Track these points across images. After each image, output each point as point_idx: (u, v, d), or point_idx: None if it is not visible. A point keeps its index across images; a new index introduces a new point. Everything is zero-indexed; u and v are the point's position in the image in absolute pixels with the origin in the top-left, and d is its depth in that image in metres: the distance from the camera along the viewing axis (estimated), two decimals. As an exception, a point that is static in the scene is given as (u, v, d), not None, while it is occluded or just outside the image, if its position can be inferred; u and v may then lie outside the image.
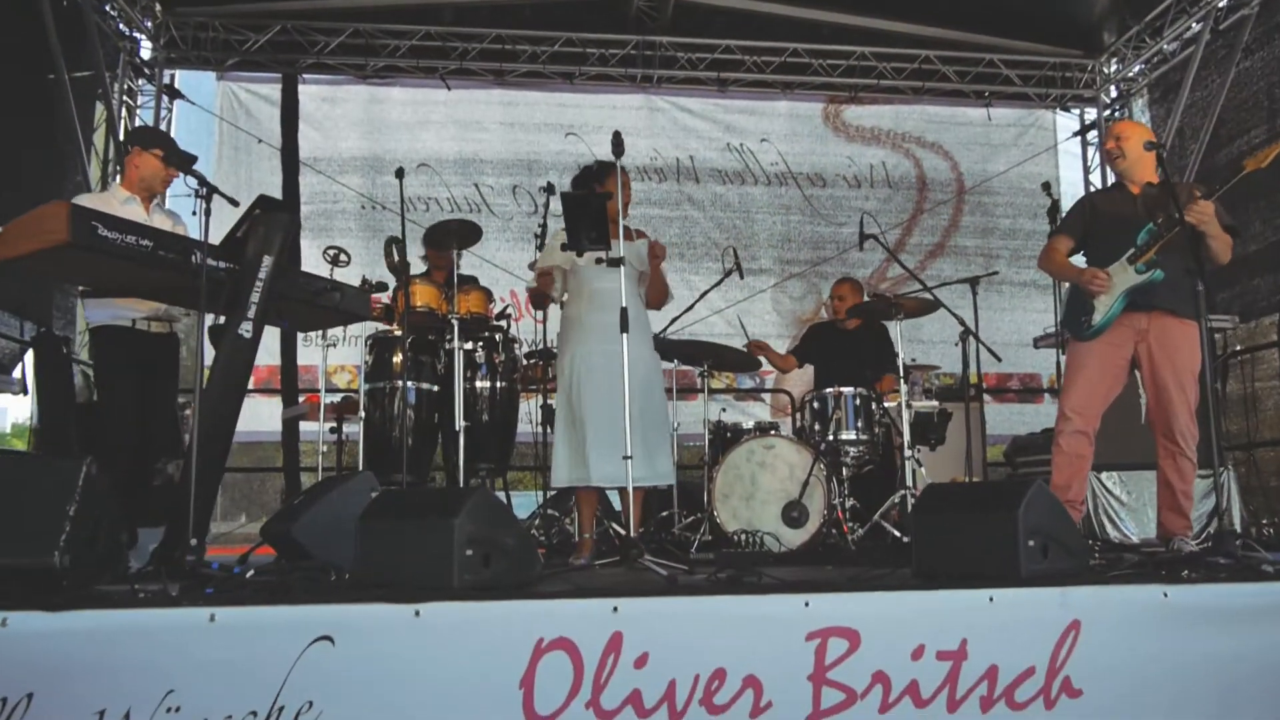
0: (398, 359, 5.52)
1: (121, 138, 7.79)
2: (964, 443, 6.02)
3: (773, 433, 5.53)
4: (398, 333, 5.55)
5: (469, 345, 5.44)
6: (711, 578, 3.35)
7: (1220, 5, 7.83)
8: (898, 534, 5.13)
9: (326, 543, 3.77)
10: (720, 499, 5.28)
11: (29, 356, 5.85)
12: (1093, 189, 9.00)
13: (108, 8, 7.44)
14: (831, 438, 5.38)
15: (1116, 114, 9.21)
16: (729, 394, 8.35)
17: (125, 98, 7.79)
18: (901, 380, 5.28)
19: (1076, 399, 4.20)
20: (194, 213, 3.81)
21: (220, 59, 8.10)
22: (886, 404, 5.57)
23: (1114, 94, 9.39)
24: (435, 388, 5.58)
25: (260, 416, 7.69)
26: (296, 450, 7.29)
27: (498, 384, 5.68)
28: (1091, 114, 9.47)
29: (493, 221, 8.21)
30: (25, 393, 5.58)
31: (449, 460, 5.52)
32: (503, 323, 5.81)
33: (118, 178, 4.55)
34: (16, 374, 6.10)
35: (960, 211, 8.79)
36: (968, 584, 3.01)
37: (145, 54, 8.04)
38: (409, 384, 5.51)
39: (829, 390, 5.50)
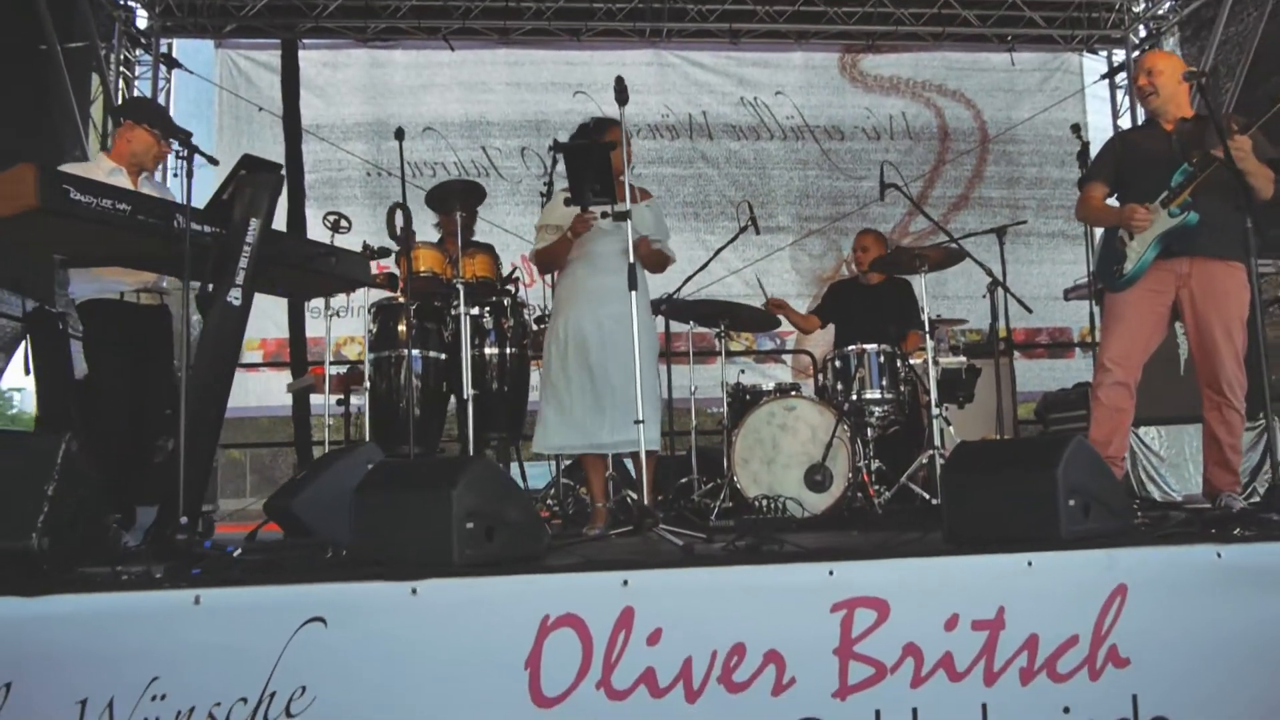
0: (403, 327, 5.34)
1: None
2: (993, 400, 5.80)
3: (794, 394, 5.32)
4: (402, 300, 5.36)
5: (475, 310, 5.24)
6: (729, 546, 3.17)
7: (1257, -67, 7.47)
8: (926, 496, 4.92)
9: (328, 517, 3.60)
10: (740, 464, 5.08)
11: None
12: (1122, 134, 8.66)
13: (100, -25, 7.24)
14: (855, 397, 5.17)
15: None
16: (748, 356, 8.13)
17: (122, 68, 7.60)
18: (927, 336, 5.05)
19: (1116, 349, 3.96)
20: (175, 174, 3.63)
21: (218, 25, 7.89)
22: (912, 361, 5.34)
23: (1143, 33, 9.01)
24: (443, 355, 5.40)
25: (271, 391, 7.56)
26: (308, 424, 7.14)
27: (507, 350, 5.48)
28: (1120, 55, 9.11)
29: (501, 185, 8.00)
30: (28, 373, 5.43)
31: (461, 431, 5.34)
32: (511, 287, 5.61)
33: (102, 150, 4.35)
34: (18, 355, 5.96)
35: (984, 161, 8.48)
36: (1004, 548, 2.80)
37: (141, 23, 7.84)
38: (415, 352, 5.32)
39: (851, 348, 5.28)
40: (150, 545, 3.22)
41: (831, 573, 2.77)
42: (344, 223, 5.41)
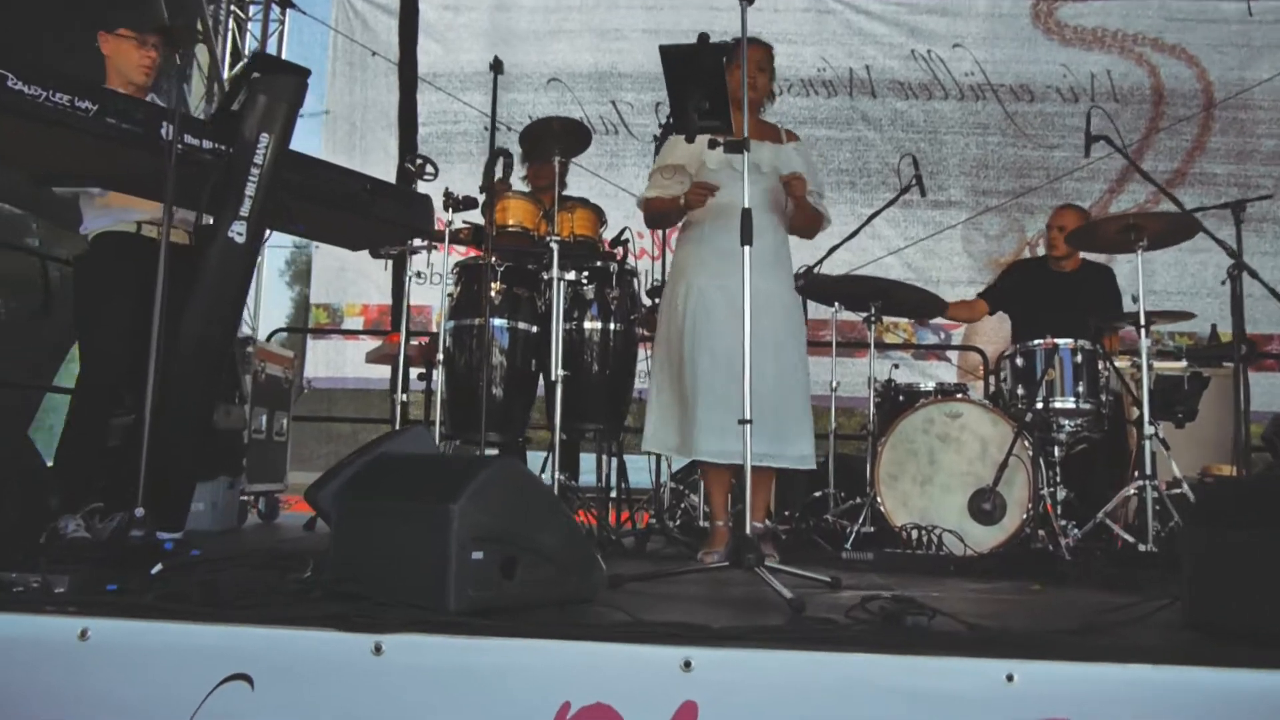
0: (490, 293, 4.51)
1: (229, 53, 7.10)
2: (1216, 419, 4.54)
3: (959, 397, 4.24)
4: (492, 260, 4.54)
5: (571, 275, 4.36)
6: (859, 612, 2.17)
7: None
8: (1131, 541, 3.76)
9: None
10: (886, 480, 4.05)
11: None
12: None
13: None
14: (1041, 405, 4.03)
15: None
16: (904, 350, 6.98)
17: (234, 7, 7.08)
18: (1142, 331, 3.88)
19: None
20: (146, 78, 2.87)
21: (336, -35, 7.28)
22: (1117, 364, 4.17)
23: None
24: (534, 328, 4.55)
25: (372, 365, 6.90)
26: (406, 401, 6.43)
27: (611, 326, 4.58)
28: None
29: (631, 144, 7.11)
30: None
31: (549, 419, 4.49)
32: (618, 250, 4.72)
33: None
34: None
35: (1208, 130, 7.03)
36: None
37: (255, -39, 7.31)
38: (499, 322, 4.49)
39: (1038, 343, 4.15)
40: (68, 546, 2.46)
41: (1011, 677, 1.78)
42: (429, 169, 4.63)
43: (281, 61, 3.10)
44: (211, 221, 2.87)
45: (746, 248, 2.83)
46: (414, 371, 5.01)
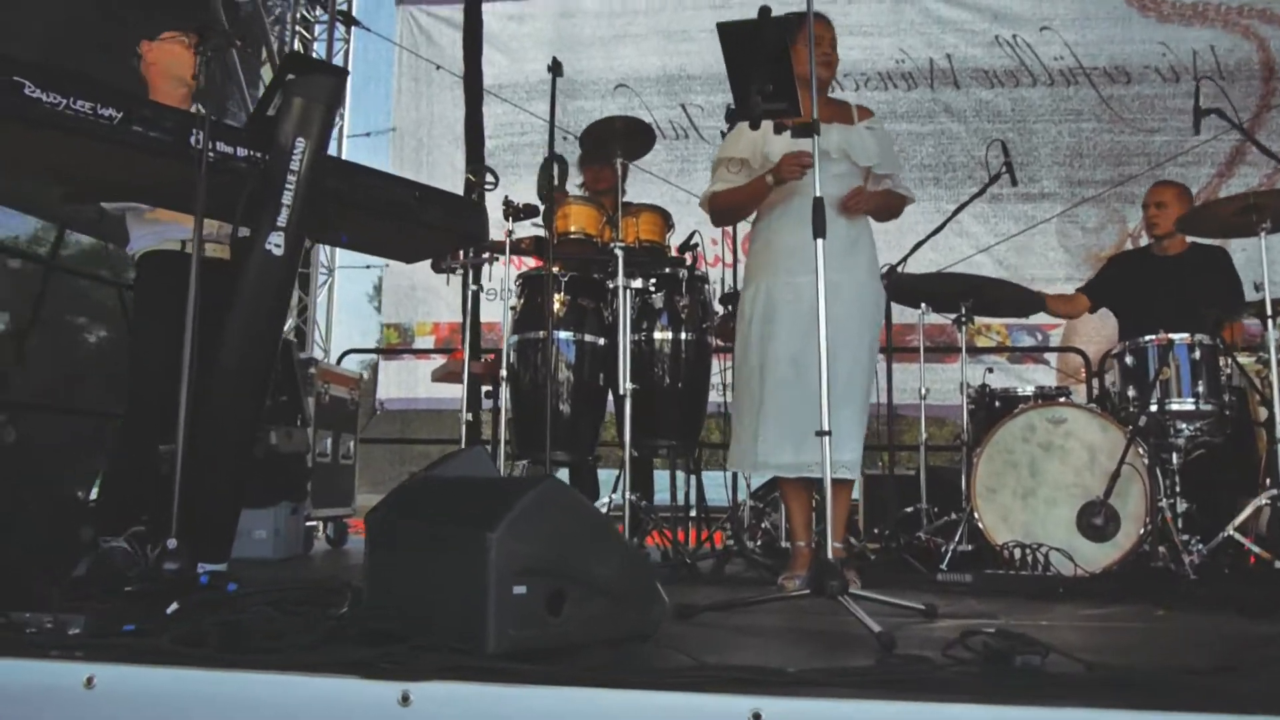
0: (555, 305, 4.31)
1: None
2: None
3: (1063, 401, 3.88)
4: (554, 270, 4.35)
5: (638, 283, 4.13)
6: (958, 649, 1.89)
7: None
8: (1265, 556, 3.36)
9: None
10: (984, 494, 3.72)
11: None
12: None
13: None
14: (1155, 408, 3.66)
15: None
16: (999, 354, 6.57)
17: (298, 28, 7.05)
18: (1269, 323, 3.49)
19: None
20: (195, 77, 2.73)
21: (400, -22, 7.22)
22: (1241, 359, 3.78)
23: None
24: (601, 340, 4.33)
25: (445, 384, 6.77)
26: (478, 420, 6.28)
27: (682, 336, 4.33)
28: None
29: (702, 148, 6.87)
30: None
31: (620, 435, 4.26)
32: (687, 255, 4.48)
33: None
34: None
35: (1326, 106, 6.51)
36: None
37: (320, -21, 7.28)
38: (564, 335, 4.29)
39: (1150, 339, 3.77)
40: (110, 573, 2.31)
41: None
42: (490, 178, 4.47)
43: (317, 61, 2.96)
44: (248, 234, 2.71)
45: (820, 240, 2.55)
46: (485, 389, 4.85)
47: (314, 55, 7.20)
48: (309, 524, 4.61)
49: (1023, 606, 2.94)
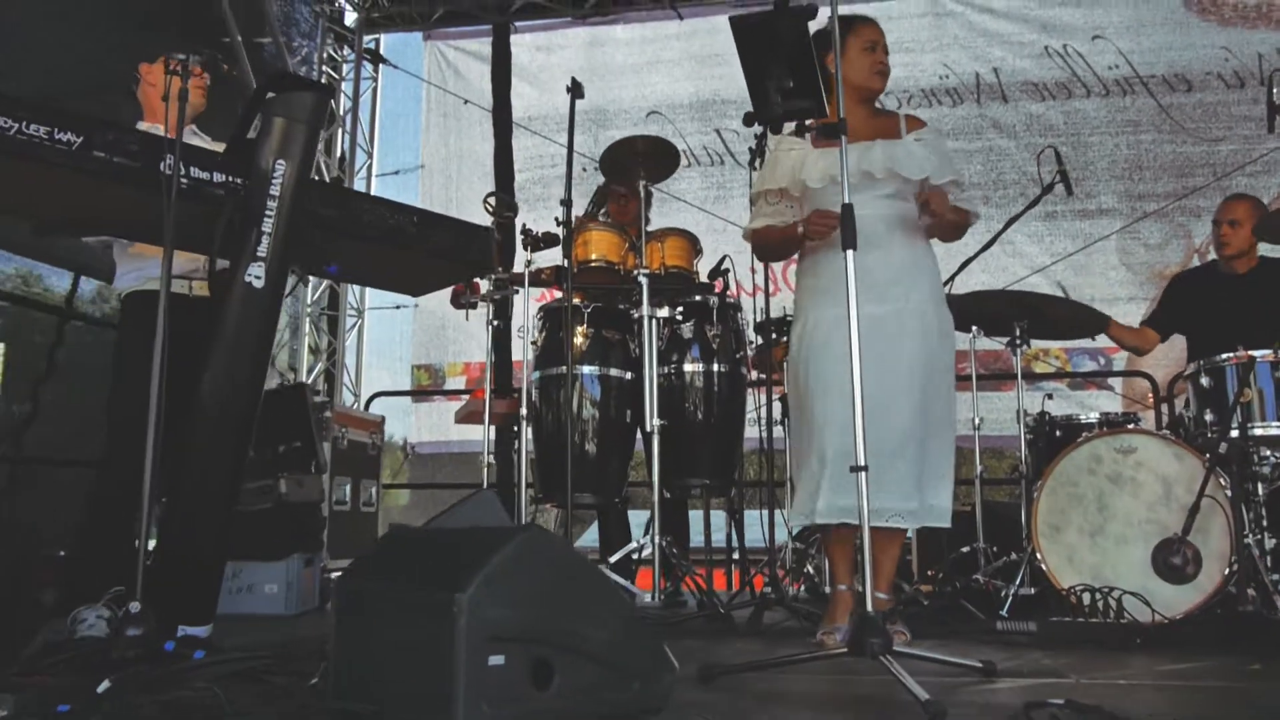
0: (577, 339, 4.08)
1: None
2: None
3: (1131, 428, 3.54)
4: (576, 301, 4.12)
5: (665, 312, 3.88)
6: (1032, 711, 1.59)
7: None
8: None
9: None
10: (1047, 532, 3.38)
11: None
12: None
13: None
14: (1236, 433, 3.29)
15: None
16: (1058, 380, 6.18)
17: (326, 68, 6.96)
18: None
19: None
20: (163, 98, 2.54)
21: (425, 14, 7.09)
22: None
23: None
24: (628, 375, 4.10)
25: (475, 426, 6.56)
26: (510, 462, 6.04)
27: (715, 367, 4.07)
28: None
29: (738, 174, 6.61)
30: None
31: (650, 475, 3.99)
32: (717, 282, 4.22)
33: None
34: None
35: (1406, 109, 6.08)
36: None
37: (349, 20, 7.19)
38: (590, 370, 4.06)
39: (1228, 357, 3.42)
40: (61, 648, 2.08)
41: None
42: (508, 209, 4.27)
43: (298, 78, 2.79)
44: (227, 266, 2.51)
45: (849, 252, 2.27)
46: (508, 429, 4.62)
47: (342, 95, 7.11)
48: (327, 575, 4.39)
49: (1094, 661, 2.61)
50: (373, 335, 7.27)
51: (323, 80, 6.90)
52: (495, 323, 4.38)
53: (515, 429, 4.58)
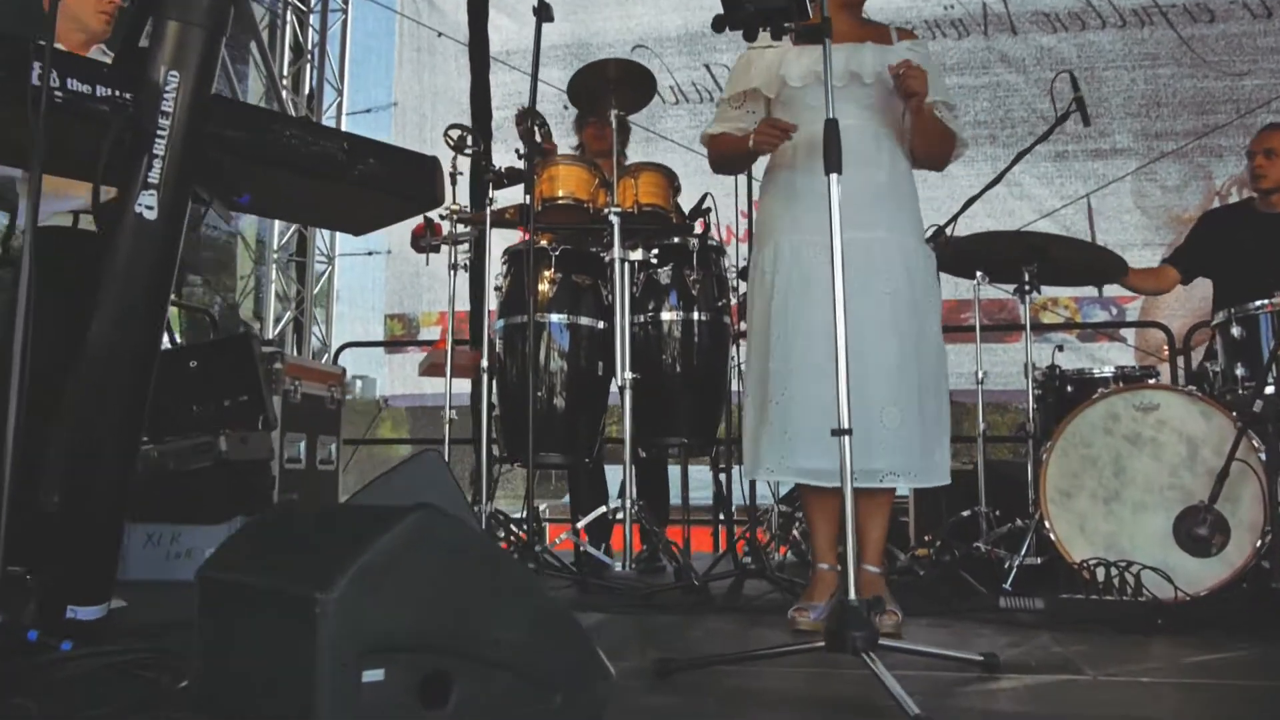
0: (543, 284, 3.74)
1: (290, 48, 6.57)
2: None
3: (1151, 382, 3.20)
4: (543, 243, 3.77)
5: (639, 255, 3.54)
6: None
7: None
8: None
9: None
10: (1056, 498, 3.05)
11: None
12: None
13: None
14: (1273, 389, 2.95)
15: None
16: (1068, 331, 5.83)
17: (294, 1, 6.54)
18: None
19: None
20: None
21: (397, -60, 6.67)
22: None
23: None
24: (600, 324, 3.76)
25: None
26: (481, 417, 5.73)
27: (695, 316, 3.74)
28: None
29: (729, 112, 6.22)
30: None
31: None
32: (698, 222, 3.87)
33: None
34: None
35: None
36: None
37: (317, -54, 6.77)
38: (558, 319, 3.73)
39: (1262, 303, 3.07)
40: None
41: None
42: (472, 142, 3.91)
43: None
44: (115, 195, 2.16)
45: (833, 176, 1.92)
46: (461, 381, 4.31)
47: (310, 28, 6.69)
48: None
49: (1110, 647, 2.30)
50: (344, 283, 6.94)
51: (288, 13, 6.49)
52: (465, 266, 4.04)
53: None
